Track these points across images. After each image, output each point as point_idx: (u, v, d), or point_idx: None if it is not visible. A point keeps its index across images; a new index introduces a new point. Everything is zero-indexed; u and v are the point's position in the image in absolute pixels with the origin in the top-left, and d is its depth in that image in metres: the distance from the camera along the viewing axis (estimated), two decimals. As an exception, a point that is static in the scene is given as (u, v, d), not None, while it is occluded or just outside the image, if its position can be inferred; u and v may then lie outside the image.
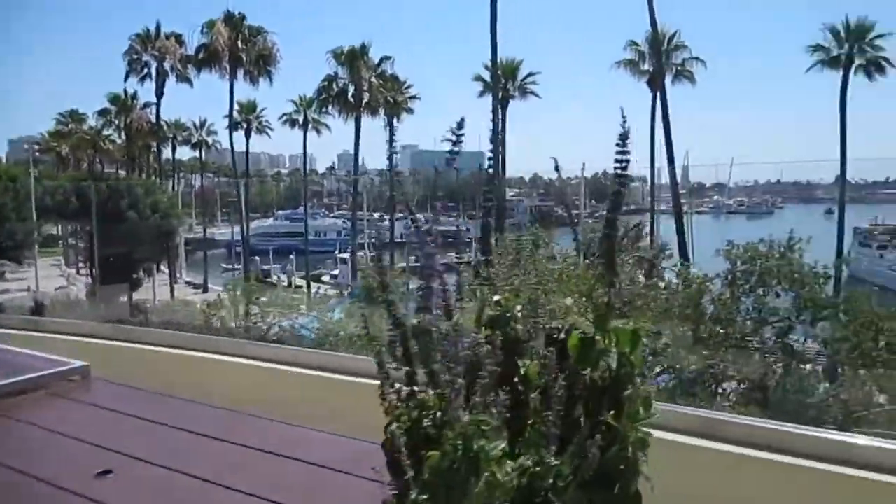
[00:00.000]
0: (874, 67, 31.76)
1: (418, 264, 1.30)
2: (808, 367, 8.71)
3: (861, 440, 2.12)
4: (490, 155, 1.78)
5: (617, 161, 1.24)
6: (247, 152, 48.04)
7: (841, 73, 31.41)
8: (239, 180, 43.58)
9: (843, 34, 30.94)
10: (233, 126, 41.47)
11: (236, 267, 45.29)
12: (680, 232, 31.77)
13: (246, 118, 45.65)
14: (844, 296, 9.68)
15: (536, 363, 1.24)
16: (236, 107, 43.92)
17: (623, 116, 1.24)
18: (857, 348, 8.04)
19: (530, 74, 38.17)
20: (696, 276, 8.60)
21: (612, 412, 1.18)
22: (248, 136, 46.02)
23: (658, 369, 7.44)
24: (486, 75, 35.62)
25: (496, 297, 1.31)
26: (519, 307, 1.30)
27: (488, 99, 37.93)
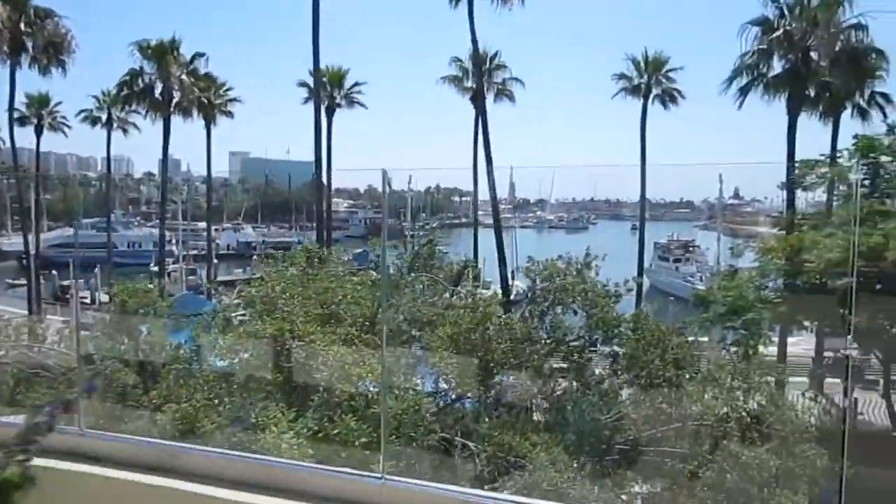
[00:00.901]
0: (668, 97, 34.93)
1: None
2: (605, 385, 8.69)
3: None
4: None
5: None
6: (37, 150, 42.57)
7: (641, 100, 34.19)
8: (22, 179, 38.22)
9: (642, 65, 33.67)
10: (17, 120, 36.32)
11: (22, 282, 40.00)
12: (500, 246, 32.55)
13: (37, 112, 40.35)
14: (632, 314, 9.82)
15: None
16: (24, 100, 38.78)
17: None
18: (645, 367, 8.11)
19: (357, 84, 37.53)
20: (482, 299, 8.23)
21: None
22: (38, 132, 40.68)
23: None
24: (312, 81, 34.37)
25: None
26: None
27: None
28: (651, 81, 34.18)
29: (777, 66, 27.13)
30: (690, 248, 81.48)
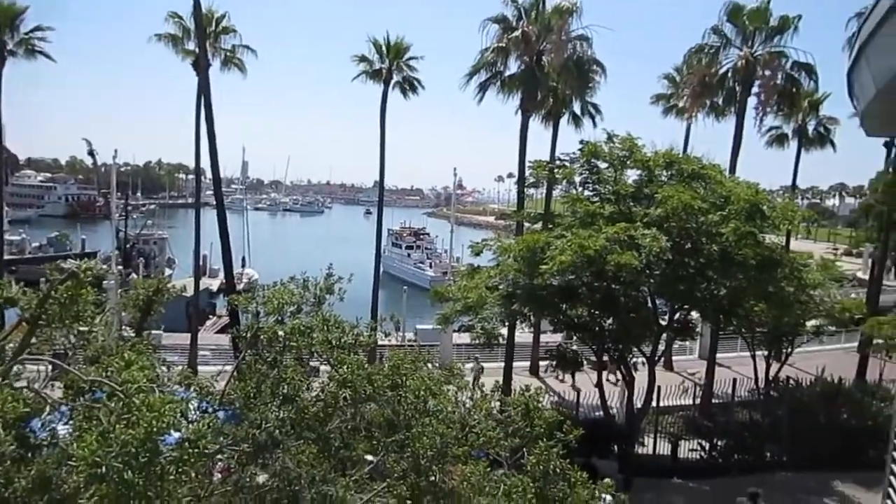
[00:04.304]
0: (409, 86, 34.42)
1: None
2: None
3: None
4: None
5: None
6: None
7: (382, 86, 33.11)
8: None
9: (384, 49, 32.57)
10: None
11: None
12: (224, 232, 29.01)
13: None
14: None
15: None
16: None
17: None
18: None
19: (38, 29, 30.36)
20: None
21: None
22: None
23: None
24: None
25: None
26: None
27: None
28: (392, 67, 33.30)
29: (513, 66, 27.95)
30: (421, 236, 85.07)
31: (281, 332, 5.88)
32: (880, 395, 22.56)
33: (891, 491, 8.70)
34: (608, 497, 14.87)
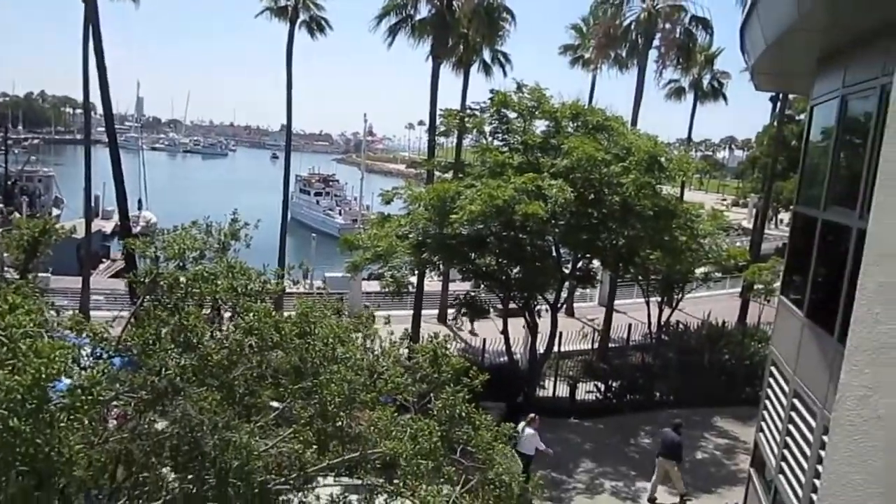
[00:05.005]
0: (316, 25, 33.09)
1: None
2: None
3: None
4: None
5: None
6: None
7: (288, 25, 31.67)
8: None
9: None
10: None
11: None
12: (117, 174, 27.28)
13: None
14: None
15: None
16: None
17: None
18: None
19: None
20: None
21: None
22: None
23: None
24: None
25: None
26: None
27: None
28: (298, 5, 31.83)
29: (424, 10, 27.38)
30: (330, 183, 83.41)
31: (182, 279, 5.65)
32: (758, 337, 24.36)
33: (763, 424, 9.58)
34: (528, 430, 15.57)
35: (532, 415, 16.09)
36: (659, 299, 26.17)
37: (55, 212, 51.57)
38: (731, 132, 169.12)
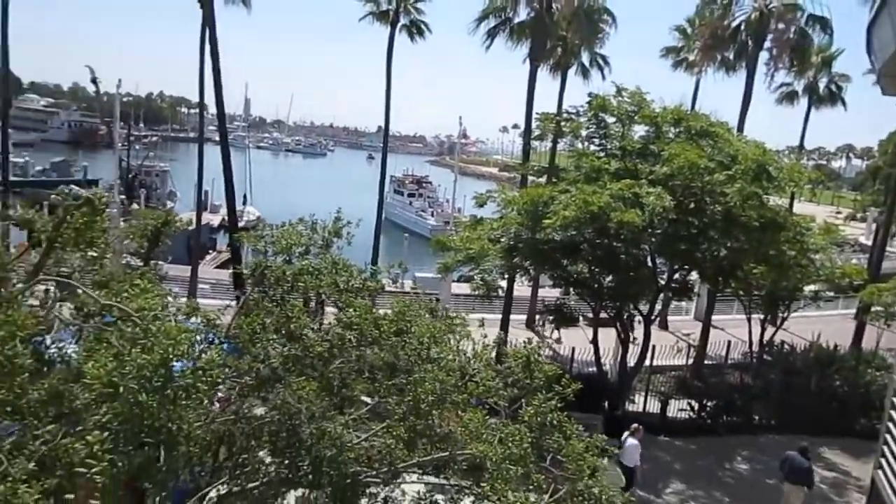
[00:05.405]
0: (416, 29, 33.71)
1: None
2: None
3: None
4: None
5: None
6: None
7: (389, 28, 32.43)
8: None
9: (395, -11, 31.80)
10: None
11: None
12: (227, 169, 28.69)
13: None
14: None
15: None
16: None
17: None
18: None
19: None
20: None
21: None
22: None
23: None
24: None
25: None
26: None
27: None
28: (399, 9, 32.52)
29: (523, 13, 27.28)
30: (424, 184, 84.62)
31: (289, 272, 5.90)
32: (876, 364, 22.56)
33: (883, 461, 8.85)
34: (631, 441, 15.07)
35: (636, 425, 15.73)
36: (762, 317, 24.82)
37: (169, 204, 55.14)
38: (848, 140, 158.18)
